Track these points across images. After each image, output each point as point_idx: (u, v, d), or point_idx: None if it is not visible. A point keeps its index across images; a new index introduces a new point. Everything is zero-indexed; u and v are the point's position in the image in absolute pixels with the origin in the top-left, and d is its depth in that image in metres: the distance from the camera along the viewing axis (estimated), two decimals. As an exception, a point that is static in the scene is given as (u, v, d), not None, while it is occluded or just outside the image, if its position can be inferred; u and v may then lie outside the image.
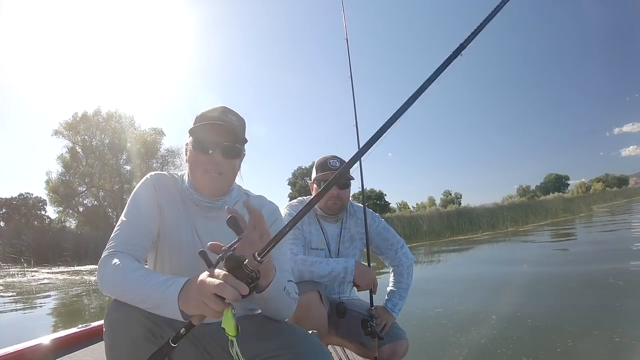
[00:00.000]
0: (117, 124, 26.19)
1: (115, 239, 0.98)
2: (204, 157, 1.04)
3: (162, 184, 1.10)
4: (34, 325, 5.02)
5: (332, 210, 1.68)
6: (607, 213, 20.83)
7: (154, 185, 1.08)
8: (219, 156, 1.03)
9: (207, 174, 1.04)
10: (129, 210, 1.04)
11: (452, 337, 3.20)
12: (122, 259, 0.92)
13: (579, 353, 2.67)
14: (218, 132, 1.03)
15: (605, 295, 4.18)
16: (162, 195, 1.08)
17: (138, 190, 1.08)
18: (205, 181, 1.05)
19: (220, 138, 1.03)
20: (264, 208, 1.15)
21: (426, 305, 4.27)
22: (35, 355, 1.50)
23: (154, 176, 1.11)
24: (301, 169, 34.87)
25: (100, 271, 0.92)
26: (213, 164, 1.04)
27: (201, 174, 1.04)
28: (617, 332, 2.89)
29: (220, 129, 1.03)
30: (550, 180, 59.57)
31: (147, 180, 1.09)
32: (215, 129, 1.03)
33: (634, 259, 6.02)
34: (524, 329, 3.26)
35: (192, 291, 0.78)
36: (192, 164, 1.06)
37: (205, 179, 1.04)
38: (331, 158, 1.69)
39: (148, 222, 1.04)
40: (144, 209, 1.04)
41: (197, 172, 1.05)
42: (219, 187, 1.07)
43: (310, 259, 1.53)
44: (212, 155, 1.03)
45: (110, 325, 0.89)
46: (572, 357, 2.63)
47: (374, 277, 1.54)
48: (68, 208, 25.91)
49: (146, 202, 1.05)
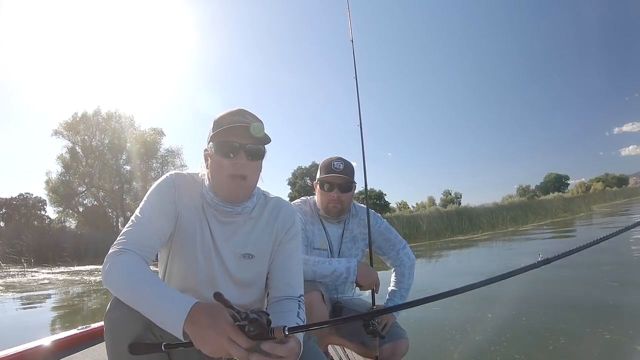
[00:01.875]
0: (116, 124, 26.18)
1: (127, 235, 0.96)
2: (227, 161, 1.00)
3: (182, 185, 1.06)
4: (34, 327, 5.01)
5: (333, 213, 1.68)
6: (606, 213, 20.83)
7: (174, 184, 1.05)
8: (243, 159, 1.00)
9: (231, 179, 1.00)
10: (144, 208, 1.01)
11: (448, 334, 3.26)
12: (131, 259, 0.91)
13: (570, 350, 2.73)
14: (242, 135, 1.00)
15: (600, 295, 4.23)
16: (181, 196, 1.05)
17: (157, 188, 1.04)
18: (230, 188, 1.01)
19: (244, 140, 1.00)
20: (282, 210, 1.14)
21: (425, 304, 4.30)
22: (35, 356, 1.49)
23: (174, 175, 1.08)
24: (301, 169, 34.88)
25: (107, 266, 0.90)
26: (237, 168, 1.00)
27: (225, 179, 1.01)
28: (609, 330, 2.95)
29: (243, 131, 0.99)
30: (550, 180, 59.56)
31: (167, 178, 1.06)
32: (238, 131, 0.99)
33: (631, 260, 6.05)
34: (518, 327, 3.33)
35: (202, 321, 0.76)
36: (215, 170, 1.02)
37: (230, 185, 1.01)
38: (336, 160, 1.68)
39: (162, 223, 1.01)
40: (160, 208, 1.02)
41: (221, 178, 1.02)
42: (243, 194, 1.05)
43: (313, 259, 1.53)
44: (236, 159, 1.00)
45: (110, 325, 0.89)
46: (564, 354, 2.68)
47: (376, 277, 1.54)
48: (68, 208, 25.89)
49: (163, 202, 1.03)
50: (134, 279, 0.87)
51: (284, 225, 1.12)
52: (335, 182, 1.65)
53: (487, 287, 0.88)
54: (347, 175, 1.65)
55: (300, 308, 1.04)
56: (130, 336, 0.87)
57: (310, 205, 1.74)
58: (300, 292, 1.10)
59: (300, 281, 1.12)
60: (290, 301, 1.06)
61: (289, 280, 1.09)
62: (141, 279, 0.86)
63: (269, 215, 1.12)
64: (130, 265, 0.89)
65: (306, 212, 1.71)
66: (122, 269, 0.89)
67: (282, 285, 1.09)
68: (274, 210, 1.13)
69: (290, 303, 1.05)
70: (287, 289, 1.08)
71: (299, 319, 1.00)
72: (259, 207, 1.12)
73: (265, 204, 1.13)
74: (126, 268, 0.89)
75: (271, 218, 1.12)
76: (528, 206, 22.35)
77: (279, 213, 1.13)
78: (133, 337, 0.87)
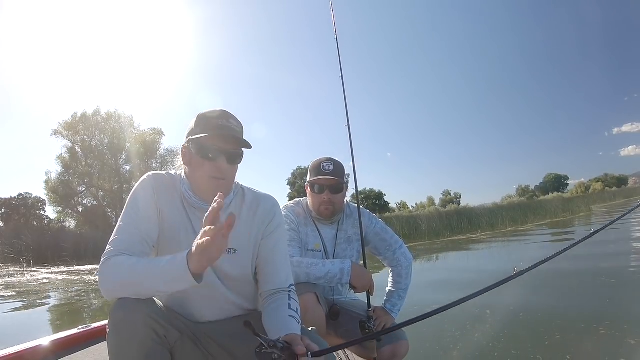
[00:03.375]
0: (116, 124, 26.12)
1: (114, 244, 0.96)
2: (209, 163, 1.03)
3: (161, 185, 1.07)
4: (33, 326, 5.01)
5: (325, 215, 1.66)
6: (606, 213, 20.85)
7: (152, 186, 1.06)
8: (224, 163, 1.03)
9: (212, 180, 1.03)
10: (127, 214, 1.01)
11: (448, 332, 3.31)
12: (123, 257, 0.92)
13: (565, 345, 2.79)
14: (224, 140, 1.03)
15: (596, 293, 4.29)
16: (161, 197, 1.06)
17: (136, 193, 1.05)
18: (210, 187, 1.03)
19: (226, 145, 1.03)
20: (261, 204, 1.14)
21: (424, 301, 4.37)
22: (35, 356, 1.50)
23: (152, 177, 1.08)
24: (300, 169, 34.85)
25: (101, 274, 0.92)
26: (218, 171, 1.03)
27: (206, 180, 1.04)
28: (604, 325, 3.01)
29: (226, 137, 1.02)
30: (550, 180, 59.49)
31: (144, 181, 1.06)
32: (221, 137, 1.02)
33: (629, 259, 6.07)
34: (515, 323, 3.41)
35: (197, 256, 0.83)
36: (195, 170, 1.05)
37: (211, 185, 1.03)
38: (325, 161, 1.66)
39: (148, 227, 1.01)
40: (143, 212, 1.02)
41: (201, 178, 1.04)
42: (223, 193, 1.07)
43: (306, 261, 1.51)
44: (217, 162, 1.03)
45: (115, 327, 0.89)
46: (558, 348, 2.73)
47: (370, 279, 1.53)
48: (67, 208, 25.84)
49: (145, 205, 1.03)
50: (129, 265, 0.90)
51: (264, 219, 1.13)
52: (326, 184, 1.63)
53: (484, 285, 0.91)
54: (337, 176, 1.63)
55: (291, 298, 1.06)
56: (135, 337, 0.87)
57: (303, 207, 1.73)
58: (290, 282, 1.12)
59: (288, 272, 1.14)
60: (280, 293, 1.08)
61: (277, 272, 1.11)
62: (135, 261, 0.91)
63: (248, 210, 1.12)
64: (123, 260, 0.92)
65: (299, 213, 1.70)
66: (115, 265, 0.91)
67: (270, 278, 1.10)
68: (252, 205, 1.14)
69: (280, 295, 1.07)
70: (275, 280, 1.10)
71: (291, 310, 1.02)
72: (237, 202, 1.12)
73: (244, 199, 1.14)
74: (120, 263, 0.91)
75: (250, 212, 1.12)
76: (527, 206, 22.35)
77: (258, 207, 1.14)
78: (137, 337, 0.87)
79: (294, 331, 0.92)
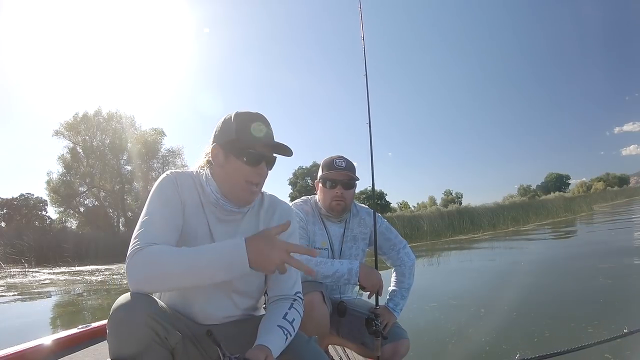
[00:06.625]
0: (117, 124, 26.18)
1: (140, 237, 0.91)
2: (249, 168, 1.02)
3: (183, 182, 1.05)
4: (35, 326, 5.03)
5: (336, 211, 1.67)
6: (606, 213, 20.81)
7: (176, 182, 1.04)
8: (265, 169, 1.05)
9: (247, 185, 1.03)
10: (152, 206, 0.98)
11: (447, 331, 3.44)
12: (153, 247, 0.89)
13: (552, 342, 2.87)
14: (269, 146, 1.04)
15: (592, 293, 4.36)
16: (184, 193, 1.04)
17: (160, 186, 1.02)
18: (245, 192, 1.03)
19: (270, 152, 1.05)
20: (277, 210, 1.15)
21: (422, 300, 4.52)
22: (36, 355, 1.50)
23: (174, 173, 1.07)
24: (302, 169, 34.88)
25: (134, 265, 0.88)
26: (258, 176, 1.03)
27: (242, 184, 1.02)
28: (592, 325, 3.11)
29: (270, 144, 1.04)
30: (551, 179, 59.39)
31: (168, 176, 1.05)
32: (267, 144, 1.03)
33: (628, 259, 6.07)
34: (508, 321, 3.56)
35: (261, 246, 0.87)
36: (231, 173, 1.03)
37: (245, 189, 1.03)
38: (337, 158, 1.68)
39: (175, 216, 1.00)
40: (168, 204, 1.00)
41: (237, 181, 1.02)
42: (254, 198, 1.08)
43: (315, 259, 1.51)
44: (258, 168, 1.03)
45: (115, 327, 0.88)
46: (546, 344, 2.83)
47: (379, 279, 1.53)
48: (69, 208, 25.91)
49: (171, 198, 1.01)
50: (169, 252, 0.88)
51: (279, 221, 1.12)
52: (338, 179, 1.65)
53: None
54: (349, 172, 1.66)
55: (292, 307, 1.04)
56: (135, 337, 0.86)
57: (312, 205, 1.74)
58: (297, 290, 1.10)
59: (297, 279, 1.12)
60: (284, 300, 1.07)
61: (284, 279, 1.09)
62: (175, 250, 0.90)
63: (265, 214, 1.13)
64: (154, 249, 0.88)
65: (307, 211, 1.71)
66: (147, 257, 0.87)
67: (278, 284, 1.09)
68: (269, 209, 1.14)
69: (282, 302, 1.06)
70: (282, 287, 1.09)
71: (285, 319, 1.00)
72: (256, 206, 1.13)
73: (262, 202, 1.14)
74: (158, 252, 0.88)
75: (267, 216, 1.13)
76: (529, 206, 22.33)
77: (275, 211, 1.14)
78: (138, 338, 0.86)
79: (270, 343, 0.91)
